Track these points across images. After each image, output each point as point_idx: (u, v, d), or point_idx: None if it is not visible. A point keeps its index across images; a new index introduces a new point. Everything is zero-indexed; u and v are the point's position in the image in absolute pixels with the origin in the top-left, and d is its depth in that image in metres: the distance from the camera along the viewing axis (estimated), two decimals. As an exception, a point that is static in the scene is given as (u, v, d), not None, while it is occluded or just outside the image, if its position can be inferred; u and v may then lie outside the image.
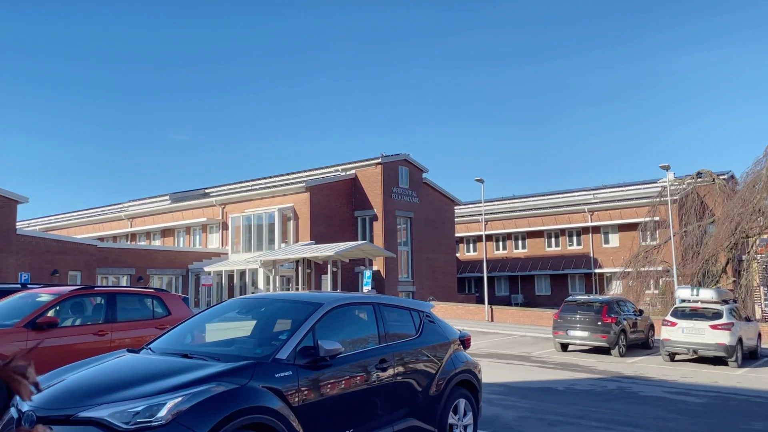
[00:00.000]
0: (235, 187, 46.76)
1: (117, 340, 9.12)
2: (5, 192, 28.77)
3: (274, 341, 5.30)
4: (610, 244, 47.06)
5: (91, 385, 4.51)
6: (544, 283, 50.29)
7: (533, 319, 32.17)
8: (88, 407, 4.17)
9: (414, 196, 40.67)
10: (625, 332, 19.44)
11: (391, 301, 6.59)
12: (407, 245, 40.34)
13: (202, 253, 39.37)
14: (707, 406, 11.10)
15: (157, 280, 36.46)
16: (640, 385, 13.29)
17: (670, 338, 17.92)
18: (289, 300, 6.36)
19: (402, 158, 40.12)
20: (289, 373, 4.82)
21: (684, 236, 33.91)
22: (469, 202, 53.10)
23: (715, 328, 17.38)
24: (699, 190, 35.68)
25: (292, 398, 4.74)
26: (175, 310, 10.17)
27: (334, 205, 38.18)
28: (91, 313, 9.57)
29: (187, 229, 43.49)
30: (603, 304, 19.75)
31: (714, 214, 33.97)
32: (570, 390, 12.34)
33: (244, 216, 38.65)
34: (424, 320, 6.64)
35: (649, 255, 34.17)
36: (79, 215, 54.17)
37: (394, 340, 6.05)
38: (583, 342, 19.50)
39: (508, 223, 52.05)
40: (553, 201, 53.22)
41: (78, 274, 31.71)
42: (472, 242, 54.88)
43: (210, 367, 4.63)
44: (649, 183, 47.97)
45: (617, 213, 46.33)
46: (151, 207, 46.64)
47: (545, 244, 50.59)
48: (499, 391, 11.68)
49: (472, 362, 7.00)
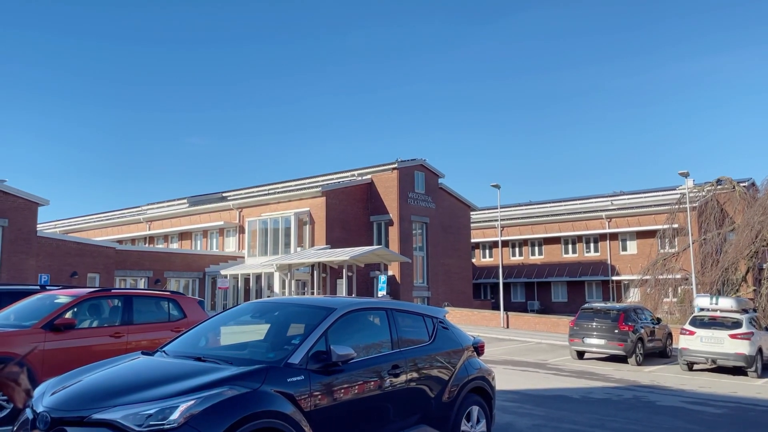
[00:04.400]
0: (253, 191, 47.03)
1: (133, 342, 9.19)
2: (27, 194, 29.19)
3: (287, 345, 5.31)
4: (627, 251, 46.60)
5: (106, 387, 4.54)
6: (560, 289, 49.92)
7: (549, 326, 31.93)
8: (102, 409, 4.20)
9: (430, 201, 40.61)
10: (643, 341, 19.21)
11: (405, 307, 6.57)
12: (423, 250, 40.28)
13: (219, 257, 39.62)
14: (726, 417, 10.92)
15: (175, 283, 36.75)
16: (657, 395, 13.12)
17: (689, 347, 17.67)
18: (302, 304, 6.36)
19: (418, 163, 40.11)
20: (302, 377, 4.82)
21: (703, 244, 33.47)
22: (485, 208, 52.93)
23: (734, 337, 17.12)
24: (719, 198, 35.20)
25: (304, 403, 4.74)
26: (191, 313, 10.23)
27: (350, 210, 38.24)
28: (107, 315, 9.66)
29: (204, 233, 43.82)
30: (620, 312, 19.54)
31: (734, 221, 33.48)
32: (586, 398, 12.21)
33: (261, 220, 38.86)
34: (437, 326, 6.61)
35: (667, 262, 33.78)
36: (98, 218, 54.82)
37: (407, 345, 6.03)
38: (599, 350, 19.30)
39: (525, 229, 51.77)
40: (570, 207, 52.85)
41: (97, 276, 32.06)
42: (488, 248, 54.66)
43: (223, 370, 4.64)
44: (667, 190, 47.47)
45: (635, 220, 45.88)
46: (169, 210, 47.06)
47: (562, 251, 50.24)
48: (514, 398, 11.59)
49: (485, 369, 6.95)
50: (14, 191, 28.77)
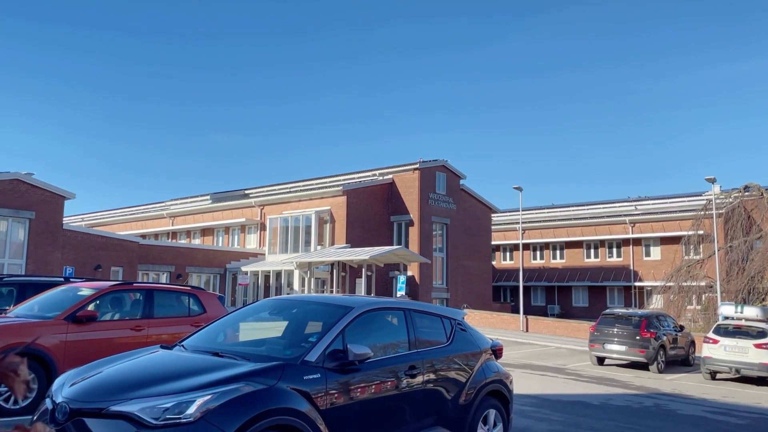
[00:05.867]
0: (274, 189, 47.31)
1: (153, 335, 9.29)
2: (53, 188, 29.68)
3: (304, 343, 5.32)
4: (651, 256, 45.96)
5: (124, 380, 4.59)
6: (581, 294, 49.40)
7: (569, 330, 31.62)
8: (120, 401, 4.24)
9: (451, 202, 40.47)
10: (665, 348, 18.93)
11: (422, 308, 6.54)
12: (442, 251, 40.16)
13: (240, 253, 39.92)
14: (749, 428, 10.70)
15: (196, 278, 37.11)
16: (678, 403, 12.91)
17: (712, 356, 17.38)
18: (320, 302, 6.37)
19: (440, 164, 40.00)
20: (318, 375, 4.82)
21: (729, 251, 32.88)
22: (506, 210, 52.58)
23: (759, 347, 16.79)
24: (746, 205, 34.56)
25: (320, 401, 4.74)
26: (211, 309, 10.31)
27: (371, 209, 38.26)
28: (129, 309, 9.78)
29: (226, 229, 44.18)
30: (642, 318, 19.28)
31: (761, 229, 32.86)
32: (605, 405, 12.06)
33: (282, 218, 39.06)
34: (455, 328, 6.56)
35: (691, 269, 33.26)
36: (123, 212, 55.55)
37: (425, 346, 6.00)
38: (620, 356, 19.06)
39: (546, 232, 51.33)
40: (593, 211, 52.27)
41: (120, 270, 32.50)
42: (509, 250, 54.30)
43: (240, 366, 4.66)
44: (693, 196, 46.71)
45: (659, 225, 45.23)
46: (192, 206, 47.54)
47: (584, 255, 49.71)
48: (532, 402, 11.48)
49: (503, 372, 6.89)
50: (41, 184, 29.27)
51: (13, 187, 28.38)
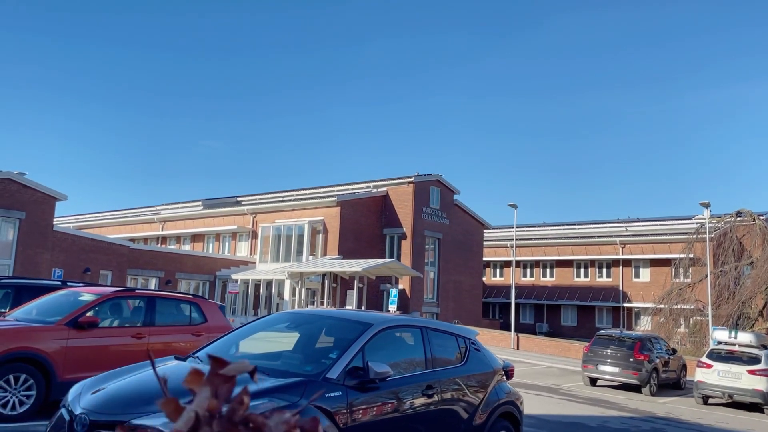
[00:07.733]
0: (267, 197, 47.12)
1: (154, 343, 9.14)
2: (45, 188, 29.36)
3: (324, 359, 5.24)
4: (640, 278, 46.18)
5: (143, 392, 4.48)
6: (570, 313, 49.50)
7: (560, 350, 31.62)
8: (141, 414, 4.14)
9: (444, 216, 40.50)
10: (657, 371, 18.95)
11: (438, 326, 6.49)
12: (434, 266, 40.11)
13: (230, 261, 39.62)
14: (747, 456, 10.69)
15: (185, 284, 36.76)
16: (674, 428, 12.90)
17: (705, 381, 17.41)
18: (339, 318, 6.29)
19: (434, 178, 40.05)
20: (339, 393, 4.75)
21: (720, 276, 33.09)
22: (498, 227, 52.69)
23: (752, 373, 16.85)
24: (737, 230, 34.85)
25: (340, 419, 4.66)
26: (212, 318, 10.18)
27: (364, 221, 38.18)
28: (130, 316, 9.63)
29: (217, 236, 43.88)
30: (636, 341, 19.30)
31: (752, 255, 33.13)
32: (603, 427, 12.02)
33: (275, 226, 38.87)
34: (469, 347, 6.52)
35: (682, 292, 33.45)
36: (113, 215, 55.03)
37: (441, 366, 5.94)
38: (613, 378, 19.04)
39: (537, 250, 51.48)
40: (584, 231, 52.52)
41: (109, 274, 32.12)
42: (500, 267, 54.37)
43: (262, 381, 4.57)
44: (683, 219, 47.08)
45: (650, 247, 45.51)
46: (183, 212, 47.21)
47: (573, 274, 49.87)
48: (531, 423, 11.41)
49: (514, 393, 6.85)
50: (33, 185, 28.94)
51: (4, 186, 28.02)
